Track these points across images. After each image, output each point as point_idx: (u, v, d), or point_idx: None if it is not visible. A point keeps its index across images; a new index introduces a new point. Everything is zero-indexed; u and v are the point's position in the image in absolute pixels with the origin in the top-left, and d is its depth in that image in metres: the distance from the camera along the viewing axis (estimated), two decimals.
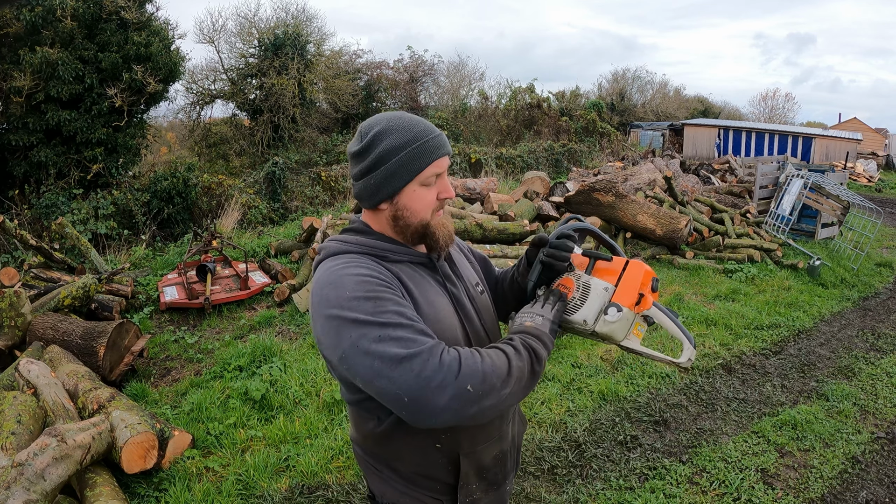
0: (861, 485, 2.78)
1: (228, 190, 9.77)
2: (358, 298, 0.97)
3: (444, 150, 1.12)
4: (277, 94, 14.28)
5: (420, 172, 1.09)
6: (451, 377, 0.90)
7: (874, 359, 4.29)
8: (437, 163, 1.11)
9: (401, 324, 0.95)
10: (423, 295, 1.11)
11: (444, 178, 1.14)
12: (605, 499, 2.64)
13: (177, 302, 4.90)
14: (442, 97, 20.63)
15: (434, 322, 1.08)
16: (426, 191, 1.12)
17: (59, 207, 8.10)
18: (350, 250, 1.11)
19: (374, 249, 1.11)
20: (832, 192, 7.58)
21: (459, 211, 6.85)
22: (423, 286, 1.13)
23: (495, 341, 1.20)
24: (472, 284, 1.27)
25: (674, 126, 22.54)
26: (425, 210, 1.12)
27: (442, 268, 1.20)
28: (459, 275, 1.24)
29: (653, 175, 9.74)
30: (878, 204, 9.26)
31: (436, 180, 1.13)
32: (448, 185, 1.16)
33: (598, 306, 1.12)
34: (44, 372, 2.99)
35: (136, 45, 9.24)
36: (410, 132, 1.09)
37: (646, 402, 3.54)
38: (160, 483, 2.65)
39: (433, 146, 1.10)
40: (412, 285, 1.10)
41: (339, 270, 1.03)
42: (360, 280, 1.00)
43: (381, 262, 1.10)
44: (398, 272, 1.10)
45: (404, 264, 1.14)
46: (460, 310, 1.17)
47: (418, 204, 1.12)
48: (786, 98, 42.45)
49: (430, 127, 1.13)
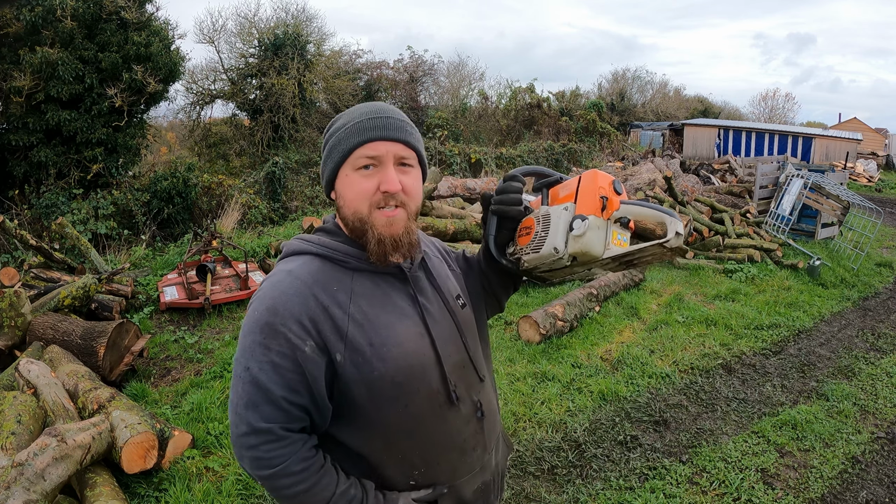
0: (861, 485, 2.78)
1: (228, 190, 9.77)
2: (263, 324, 0.93)
3: (385, 134, 0.98)
4: (277, 94, 14.27)
5: (350, 153, 0.98)
6: (261, 471, 0.94)
7: (874, 359, 4.29)
8: (372, 145, 0.97)
9: (269, 398, 0.92)
10: (380, 317, 0.98)
11: (388, 166, 0.98)
12: (605, 499, 2.64)
13: (177, 302, 4.90)
14: (442, 97, 20.64)
15: (393, 347, 0.97)
16: (361, 178, 0.98)
17: (59, 207, 8.10)
18: (309, 251, 1.02)
19: (334, 253, 1.01)
20: (832, 192, 7.58)
21: (459, 211, 6.85)
22: (384, 304, 1.00)
23: (478, 363, 1.12)
24: (452, 297, 1.12)
25: (674, 126, 22.54)
26: (358, 200, 0.98)
27: (415, 279, 1.06)
28: (437, 287, 1.10)
29: (653, 175, 9.74)
30: (878, 204, 9.26)
31: (376, 168, 0.98)
32: (391, 175, 0.97)
33: (563, 228, 1.03)
34: (44, 372, 2.99)
35: (136, 45, 9.23)
36: (354, 113, 1.01)
37: (646, 402, 3.54)
38: (160, 483, 2.65)
39: (369, 126, 0.98)
40: (366, 305, 0.98)
41: (277, 285, 0.96)
42: (266, 319, 0.93)
43: (342, 267, 1.00)
44: (352, 287, 0.99)
45: (366, 274, 1.02)
46: (432, 330, 1.02)
47: (350, 191, 0.99)
48: (786, 98, 42.50)
49: (381, 109, 1.01)
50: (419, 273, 1.08)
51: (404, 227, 1.00)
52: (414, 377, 0.99)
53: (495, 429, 1.17)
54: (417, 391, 1.00)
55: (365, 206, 0.98)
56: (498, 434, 1.20)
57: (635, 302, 5.29)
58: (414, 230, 1.03)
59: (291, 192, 11.36)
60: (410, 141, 1.02)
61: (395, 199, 0.99)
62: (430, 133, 15.88)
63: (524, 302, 5.26)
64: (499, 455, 1.20)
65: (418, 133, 1.07)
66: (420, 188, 1.06)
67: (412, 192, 1.02)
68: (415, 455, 1.02)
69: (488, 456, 1.13)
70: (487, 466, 1.13)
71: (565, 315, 4.51)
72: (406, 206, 1.01)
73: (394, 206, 0.99)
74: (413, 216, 1.03)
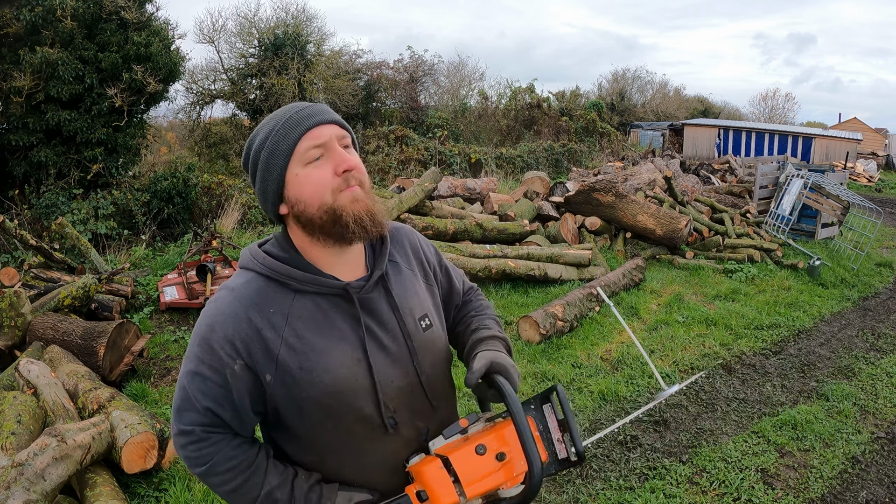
0: (861, 485, 2.78)
1: (228, 190, 9.76)
2: (201, 339, 0.97)
3: (317, 119, 0.96)
4: (277, 94, 14.28)
5: (293, 152, 0.95)
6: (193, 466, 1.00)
7: (874, 359, 4.29)
8: (311, 133, 0.95)
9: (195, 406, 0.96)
10: (315, 341, 0.97)
11: (336, 148, 0.96)
12: (605, 499, 2.64)
13: (177, 302, 4.90)
14: (442, 97, 20.64)
15: (322, 373, 0.96)
16: (314, 169, 0.95)
17: (59, 207, 8.10)
18: (255, 269, 1.00)
19: (276, 274, 0.98)
20: (832, 192, 7.58)
21: (459, 211, 6.85)
22: (321, 327, 0.98)
23: (432, 389, 1.08)
24: (412, 318, 1.07)
25: (674, 126, 22.54)
26: (321, 192, 0.95)
27: (365, 301, 1.02)
28: (395, 307, 1.05)
29: (653, 175, 9.74)
30: (878, 204, 9.26)
31: (324, 155, 0.96)
32: (344, 154, 0.96)
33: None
34: (44, 372, 2.99)
35: (136, 45, 9.23)
36: (273, 120, 0.98)
37: (646, 402, 3.54)
38: (160, 483, 2.65)
39: (298, 119, 0.95)
40: (303, 328, 0.97)
41: (218, 302, 0.99)
42: (203, 334, 0.97)
43: (284, 287, 0.98)
44: (290, 310, 0.97)
45: (308, 295, 0.99)
46: (371, 356, 0.99)
47: (308, 188, 0.95)
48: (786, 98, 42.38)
49: (299, 105, 0.99)
50: (374, 293, 1.04)
51: (368, 205, 0.98)
52: (343, 402, 0.98)
53: None
54: (346, 415, 0.99)
55: (328, 195, 0.95)
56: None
57: (635, 302, 5.29)
58: (378, 211, 1.00)
59: None
60: (342, 121, 1.01)
61: (354, 179, 0.97)
62: (430, 133, 15.87)
63: (524, 302, 5.26)
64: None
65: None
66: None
67: (363, 171, 1.00)
68: (346, 471, 1.03)
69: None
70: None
71: (565, 315, 4.51)
72: (363, 185, 0.99)
73: (354, 184, 0.97)
74: (369, 196, 1.00)
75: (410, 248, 1.17)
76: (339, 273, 1.02)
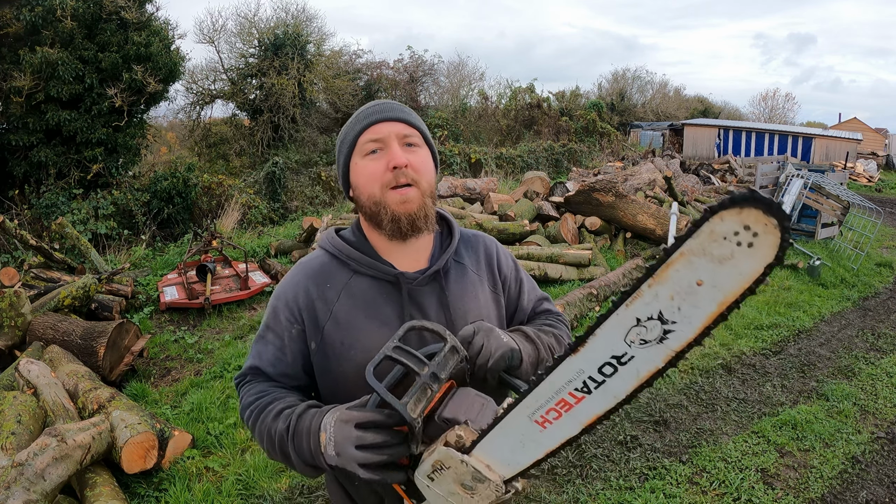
0: (861, 485, 2.78)
1: (228, 190, 9.77)
2: (271, 305, 1.09)
3: (381, 115, 1.02)
4: (277, 94, 14.28)
5: (356, 142, 1.03)
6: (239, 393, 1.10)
7: (874, 359, 4.29)
8: (373, 128, 1.01)
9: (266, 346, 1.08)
10: (358, 321, 1.02)
11: (391, 144, 1.00)
12: (605, 499, 2.64)
13: (177, 302, 4.90)
14: (442, 97, 20.66)
15: (359, 351, 1.00)
16: (369, 162, 1.02)
17: (59, 207, 8.10)
18: (325, 247, 1.11)
19: (339, 253, 1.07)
20: (832, 192, 7.58)
21: (459, 211, 6.85)
22: (368, 309, 1.03)
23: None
24: (464, 319, 1.07)
25: (674, 126, 22.55)
26: (371, 183, 1.01)
27: (414, 293, 1.05)
28: (445, 304, 1.06)
29: (653, 175, 9.74)
30: (878, 204, 9.26)
31: (381, 150, 1.01)
32: (397, 151, 1.00)
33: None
34: (44, 372, 2.99)
35: (136, 45, 9.24)
36: (354, 113, 1.08)
37: (646, 402, 3.54)
38: (160, 483, 2.65)
39: (369, 113, 1.03)
40: (351, 306, 1.02)
41: (290, 272, 1.12)
42: (274, 302, 1.09)
43: (345, 267, 1.06)
44: (345, 287, 1.04)
45: (365, 278, 1.05)
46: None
47: (362, 178, 1.03)
48: (786, 98, 42.48)
49: (376, 102, 1.06)
50: (426, 287, 1.06)
51: (419, 205, 1.01)
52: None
53: None
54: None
55: (377, 188, 1.01)
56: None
57: None
58: (430, 207, 1.04)
59: (291, 191, 11.37)
60: (410, 119, 1.04)
61: (404, 176, 1.00)
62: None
63: None
64: None
65: (419, 117, 1.09)
66: (430, 167, 1.06)
67: (421, 169, 1.03)
68: None
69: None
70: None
71: (565, 315, 4.50)
72: (418, 185, 1.01)
73: (405, 183, 1.00)
74: (427, 194, 1.03)
75: (485, 254, 1.18)
76: (398, 262, 1.07)
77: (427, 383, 0.81)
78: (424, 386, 0.81)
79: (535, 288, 1.27)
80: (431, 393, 0.81)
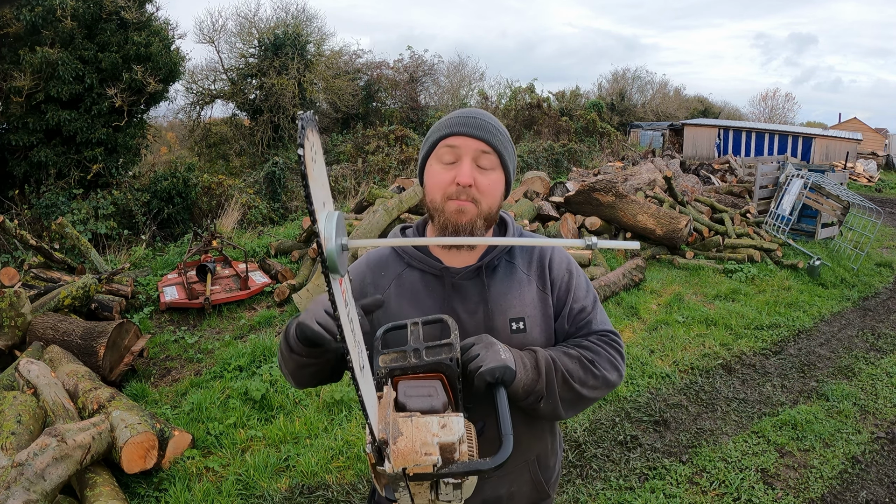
0: (861, 485, 2.78)
1: (228, 190, 9.77)
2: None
3: (466, 130, 1.04)
4: (277, 94, 14.29)
5: (435, 145, 1.08)
6: None
7: (874, 359, 4.29)
8: (453, 139, 1.05)
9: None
10: (403, 309, 1.10)
11: (465, 161, 1.04)
12: (605, 499, 2.64)
13: (177, 302, 4.89)
14: (442, 97, 20.66)
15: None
16: (441, 169, 1.07)
17: (59, 207, 8.10)
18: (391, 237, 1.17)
19: (398, 248, 1.17)
20: (832, 192, 7.58)
21: None
22: (414, 299, 1.11)
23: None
24: (503, 315, 1.10)
25: (674, 126, 22.54)
26: (435, 190, 1.07)
27: (457, 286, 1.11)
28: (486, 299, 1.10)
29: (653, 175, 9.73)
30: (878, 204, 9.26)
31: (456, 162, 1.05)
32: (467, 170, 1.04)
33: None
34: (44, 372, 2.99)
35: (136, 45, 9.24)
36: (451, 112, 1.12)
37: (646, 402, 3.54)
38: (160, 483, 2.65)
39: (455, 122, 1.06)
40: (399, 295, 1.12)
41: (357, 260, 1.23)
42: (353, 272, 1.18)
43: (400, 259, 1.16)
44: (397, 277, 1.14)
45: (416, 271, 1.14)
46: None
47: (431, 181, 1.09)
48: (786, 98, 42.52)
49: (472, 110, 1.09)
50: (469, 282, 1.12)
51: (470, 219, 1.05)
52: None
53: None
54: None
55: (439, 196, 1.06)
56: (518, 464, 1.16)
57: (635, 302, 5.29)
58: (481, 227, 1.07)
59: (291, 192, 11.36)
60: (492, 141, 1.06)
61: (466, 194, 1.04)
62: None
63: None
64: (511, 486, 1.15)
65: (507, 140, 1.10)
66: (497, 191, 1.09)
67: (486, 191, 1.06)
68: None
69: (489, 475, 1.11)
70: (489, 484, 1.12)
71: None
72: (478, 204, 1.06)
73: (465, 199, 1.05)
74: (484, 216, 1.07)
75: (538, 254, 1.20)
76: (448, 258, 1.14)
77: (408, 351, 0.95)
78: (405, 352, 0.95)
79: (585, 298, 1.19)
80: (407, 362, 0.94)
